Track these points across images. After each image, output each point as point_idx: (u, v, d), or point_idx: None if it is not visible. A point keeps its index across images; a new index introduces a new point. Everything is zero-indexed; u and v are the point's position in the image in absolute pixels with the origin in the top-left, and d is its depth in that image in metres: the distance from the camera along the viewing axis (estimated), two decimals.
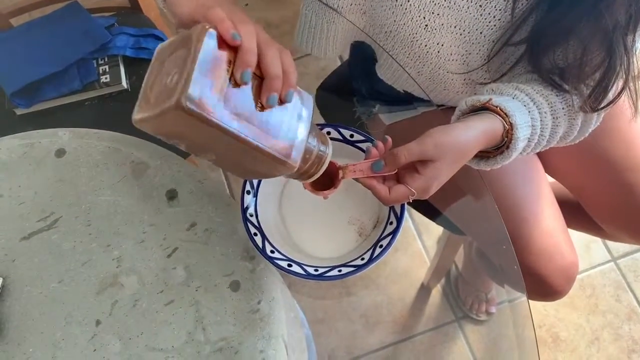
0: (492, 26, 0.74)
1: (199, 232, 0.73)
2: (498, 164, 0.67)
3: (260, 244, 0.65)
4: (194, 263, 0.71)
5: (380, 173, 0.61)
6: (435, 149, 0.60)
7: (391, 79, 0.90)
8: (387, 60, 0.87)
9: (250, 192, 0.68)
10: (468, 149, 0.62)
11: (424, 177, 0.60)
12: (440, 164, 0.60)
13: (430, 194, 0.62)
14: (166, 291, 0.70)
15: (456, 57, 0.80)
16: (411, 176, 0.61)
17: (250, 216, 0.66)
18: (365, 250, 0.65)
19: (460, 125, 0.63)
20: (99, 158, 0.77)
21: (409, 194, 0.61)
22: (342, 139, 0.69)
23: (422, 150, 0.60)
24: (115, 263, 0.71)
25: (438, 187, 0.62)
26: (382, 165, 0.61)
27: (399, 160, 0.60)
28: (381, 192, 0.61)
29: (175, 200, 0.74)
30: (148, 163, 0.76)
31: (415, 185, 0.61)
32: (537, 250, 0.89)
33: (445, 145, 0.60)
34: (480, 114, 0.66)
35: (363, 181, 0.62)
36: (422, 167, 0.61)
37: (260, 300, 0.70)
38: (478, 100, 0.67)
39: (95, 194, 0.75)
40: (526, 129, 0.66)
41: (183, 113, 0.45)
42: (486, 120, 0.64)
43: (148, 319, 0.69)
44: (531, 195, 0.92)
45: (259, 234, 0.66)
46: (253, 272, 0.71)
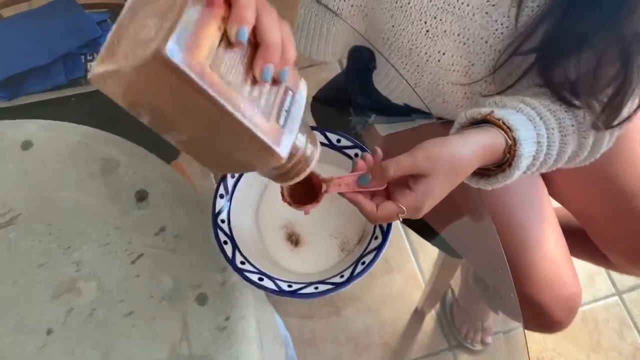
0: (498, 34, 0.68)
1: (168, 238, 0.67)
2: (499, 183, 0.61)
3: (230, 254, 0.58)
4: (160, 272, 0.65)
5: (367, 188, 0.55)
6: (428, 162, 0.54)
7: (387, 89, 0.84)
8: (385, 69, 0.82)
9: (223, 197, 0.62)
10: (465, 164, 0.56)
11: (415, 194, 0.54)
12: (433, 179, 0.54)
13: (423, 213, 0.56)
14: (127, 301, 0.64)
15: (458, 67, 0.75)
16: (401, 192, 0.55)
17: (222, 222, 0.60)
18: (346, 267, 0.59)
19: (457, 137, 0.57)
20: (66, 153, 0.71)
21: (398, 212, 0.55)
22: (327, 144, 0.64)
23: (413, 164, 0.54)
24: (75, 267, 0.65)
25: (431, 205, 0.56)
26: (369, 179, 0.55)
27: (387, 174, 0.54)
28: (367, 208, 0.55)
29: (144, 202, 0.69)
30: (119, 160, 0.71)
31: (405, 202, 0.54)
32: (538, 278, 0.82)
33: (439, 159, 0.54)
34: (480, 127, 0.60)
35: (348, 196, 0.56)
36: (413, 183, 0.55)
37: (229, 317, 0.63)
38: (479, 113, 0.61)
39: (59, 190, 0.69)
40: (531, 146, 0.60)
41: (162, 67, 0.37)
42: (486, 134, 0.58)
43: (104, 330, 0.63)
44: (533, 218, 0.86)
45: (230, 242, 0.59)
46: (223, 285, 0.65)
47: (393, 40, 0.74)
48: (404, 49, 0.74)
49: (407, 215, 0.55)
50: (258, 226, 0.65)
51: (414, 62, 0.75)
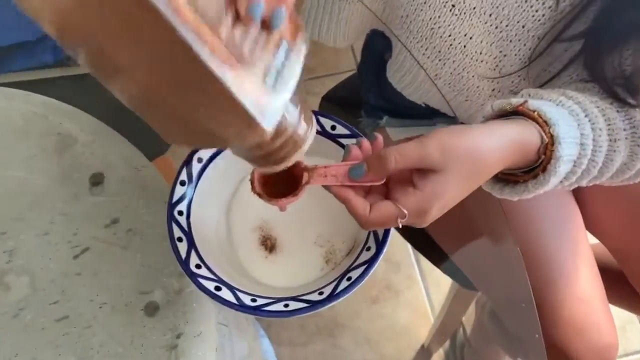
0: (539, 17, 0.56)
1: (120, 231, 0.55)
2: (529, 192, 0.48)
3: (183, 253, 0.47)
4: (105, 271, 0.54)
5: (360, 182, 0.43)
6: (441, 155, 0.41)
7: (402, 82, 0.73)
8: (400, 58, 0.70)
9: (185, 183, 0.50)
10: (488, 161, 0.43)
11: (420, 194, 0.42)
12: (446, 177, 0.42)
13: (428, 220, 0.43)
14: (62, 303, 0.53)
15: (487, 57, 0.63)
16: (403, 191, 0.43)
17: (179, 215, 0.49)
18: (328, 282, 0.47)
19: (479, 127, 0.45)
20: (20, 124, 0.61)
21: (397, 216, 0.42)
22: (319, 131, 0.52)
23: (422, 155, 0.41)
24: (7, 257, 0.54)
25: (440, 211, 0.43)
26: (363, 171, 0.43)
27: (387, 166, 0.42)
28: (358, 208, 0.43)
29: (99, 187, 0.58)
30: (77, 137, 0.60)
31: (407, 203, 0.42)
32: (567, 321, 0.69)
33: (456, 152, 0.42)
34: (510, 119, 0.48)
35: (336, 191, 0.44)
36: (420, 179, 0.42)
37: (181, 334, 0.51)
38: (509, 103, 0.49)
39: (3, 166, 0.59)
40: (572, 147, 0.48)
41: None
42: (518, 127, 0.46)
43: (29, 336, 0.51)
44: (564, 249, 0.72)
45: (185, 239, 0.48)
46: (179, 293, 0.53)
47: (413, 18, 0.62)
48: (424, 28, 0.62)
49: (408, 221, 0.42)
50: (228, 225, 0.54)
51: (435, 46, 0.63)
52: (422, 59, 0.67)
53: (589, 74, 0.55)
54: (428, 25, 0.62)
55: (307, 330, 1.23)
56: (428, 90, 0.72)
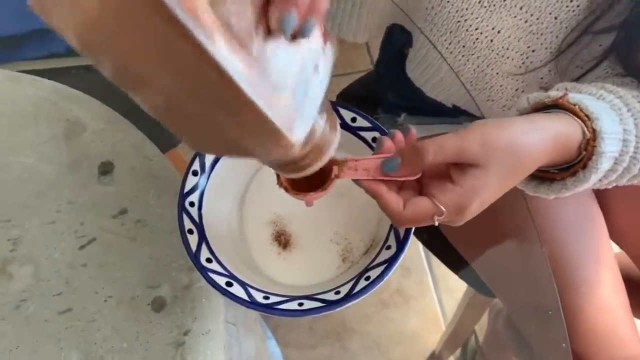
0: (573, 7, 0.54)
1: (129, 222, 0.53)
2: (568, 190, 0.46)
3: (193, 246, 0.44)
4: (112, 263, 0.52)
5: (393, 176, 0.41)
6: (482, 148, 0.39)
7: (422, 78, 0.70)
8: (421, 52, 0.68)
9: (198, 173, 0.48)
10: (531, 156, 0.41)
11: (460, 190, 0.39)
12: (486, 172, 0.39)
13: (467, 218, 0.41)
14: (65, 295, 0.50)
15: (513, 53, 0.61)
16: (441, 186, 0.40)
17: (191, 206, 0.47)
18: (345, 282, 0.44)
19: (521, 120, 0.42)
20: (29, 109, 0.59)
21: (434, 213, 0.40)
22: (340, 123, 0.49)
23: (462, 148, 0.39)
24: (11, 245, 0.52)
25: (479, 209, 0.41)
26: (397, 165, 0.41)
27: (423, 159, 0.39)
28: (392, 204, 0.40)
29: (108, 176, 0.56)
30: (87, 125, 0.58)
31: (445, 199, 0.40)
32: (588, 330, 0.66)
33: (497, 145, 0.39)
34: (549, 113, 0.45)
35: (367, 186, 0.41)
36: (458, 175, 0.40)
37: (189, 331, 0.49)
38: (547, 96, 0.46)
39: (11, 152, 0.57)
40: (615, 144, 0.45)
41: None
42: (559, 121, 0.43)
43: (30, 328, 0.49)
44: (587, 255, 0.69)
45: (197, 232, 0.45)
46: (188, 289, 0.51)
47: (438, 10, 0.60)
48: (450, 21, 0.60)
49: (445, 219, 0.40)
50: (241, 218, 0.51)
51: (460, 40, 0.61)
52: (444, 54, 0.64)
53: (623, 68, 0.52)
54: (454, 17, 0.59)
55: (315, 333, 1.20)
56: (449, 87, 0.69)
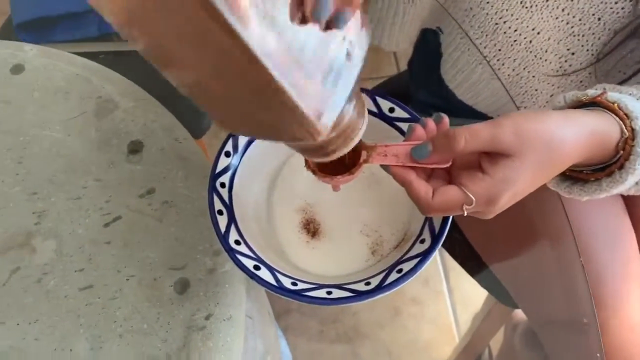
0: (617, 10, 0.53)
1: (155, 202, 0.53)
2: (602, 191, 0.44)
3: (222, 227, 0.43)
4: (136, 242, 0.51)
5: (423, 163, 0.40)
6: (516, 138, 0.38)
7: (454, 81, 0.69)
8: (453, 55, 0.67)
9: (230, 155, 0.47)
10: (565, 151, 0.39)
11: (491, 180, 0.38)
12: (520, 162, 0.38)
13: (497, 210, 0.40)
14: (87, 271, 0.50)
15: (552, 56, 0.59)
16: (471, 175, 0.39)
17: (221, 187, 0.46)
18: (376, 273, 0.43)
19: (557, 113, 0.41)
20: (61, 84, 0.59)
21: (463, 202, 0.38)
22: (376, 112, 0.48)
23: (495, 137, 0.38)
24: (35, 218, 0.52)
25: (510, 201, 0.39)
26: (428, 152, 0.39)
27: (455, 146, 0.38)
28: (420, 191, 0.39)
29: (137, 155, 0.55)
30: (118, 103, 0.58)
31: (476, 189, 0.38)
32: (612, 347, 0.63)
33: (532, 136, 0.38)
34: (588, 109, 0.44)
35: (396, 172, 0.40)
36: (490, 164, 0.39)
37: (210, 315, 0.48)
38: (585, 94, 0.45)
39: (41, 126, 0.56)
40: None
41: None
42: (597, 118, 0.42)
43: (50, 303, 0.48)
44: (616, 269, 0.67)
45: (226, 213, 0.44)
46: (212, 273, 0.49)
47: (477, 12, 0.59)
48: (488, 24, 0.59)
49: (475, 209, 0.38)
50: (270, 203, 0.50)
51: (497, 43, 0.59)
52: (480, 56, 0.63)
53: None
54: (493, 19, 0.58)
55: (326, 336, 1.19)
56: (480, 92, 0.68)
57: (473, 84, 0.68)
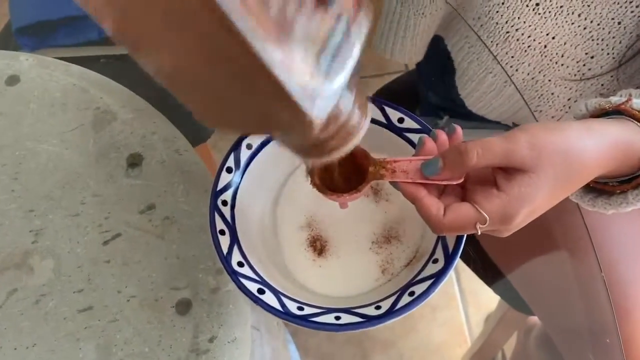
0: (638, 13, 0.50)
1: (156, 219, 0.51)
2: (629, 204, 0.41)
3: (225, 248, 0.41)
4: (136, 261, 0.49)
5: (434, 179, 0.37)
6: (532, 152, 0.35)
7: (464, 91, 0.67)
8: (462, 65, 0.65)
9: (232, 171, 0.45)
10: (586, 164, 0.37)
11: (506, 197, 0.36)
12: (536, 178, 0.35)
13: (513, 228, 0.37)
14: (87, 292, 0.48)
15: (569, 60, 0.57)
16: (485, 192, 0.36)
17: (223, 205, 0.44)
18: (387, 296, 0.41)
19: (576, 124, 0.38)
20: (57, 96, 0.57)
21: (476, 220, 0.36)
22: (385, 123, 0.46)
23: (510, 151, 0.35)
24: (32, 237, 0.50)
25: (527, 219, 0.37)
26: (439, 168, 0.37)
27: (467, 162, 0.36)
28: (431, 208, 0.37)
29: (136, 169, 0.53)
30: (116, 114, 0.56)
31: (490, 207, 0.36)
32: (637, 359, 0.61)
33: (549, 150, 0.36)
34: (610, 118, 0.41)
35: (405, 189, 0.38)
36: (505, 180, 0.36)
37: (214, 338, 0.46)
38: (608, 101, 0.42)
39: (38, 140, 0.54)
40: None
41: None
42: (620, 127, 0.39)
43: (50, 326, 0.47)
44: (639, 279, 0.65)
45: (228, 233, 0.42)
46: (215, 292, 0.48)
47: (485, 21, 0.56)
48: (498, 32, 0.56)
49: (489, 228, 0.36)
50: (274, 220, 0.48)
51: (509, 50, 0.57)
52: (490, 65, 0.60)
53: None
54: (503, 28, 0.55)
55: (336, 340, 1.17)
56: (490, 103, 0.66)
57: (482, 94, 0.65)
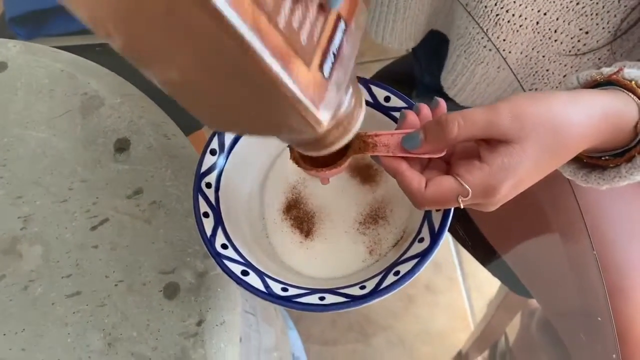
0: None
1: (144, 203, 0.50)
2: (622, 178, 0.40)
3: (208, 231, 0.41)
4: (124, 245, 0.49)
5: (415, 153, 0.37)
6: (516, 122, 0.34)
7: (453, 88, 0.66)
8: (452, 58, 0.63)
9: (216, 153, 0.45)
10: (573, 134, 0.36)
11: (488, 168, 0.35)
12: (520, 149, 0.34)
13: (498, 201, 0.36)
14: (75, 277, 0.48)
15: (562, 36, 0.55)
16: (468, 165, 0.35)
17: (207, 187, 0.43)
18: (372, 275, 0.40)
19: (562, 94, 0.37)
20: (45, 82, 0.56)
21: (458, 193, 0.35)
22: (371, 102, 0.45)
23: (492, 122, 0.34)
24: (21, 223, 0.50)
25: (513, 191, 0.36)
26: (420, 140, 0.36)
27: (448, 134, 0.35)
28: (412, 181, 0.36)
29: (124, 154, 0.53)
30: (104, 99, 0.55)
31: (471, 178, 0.35)
32: (637, 340, 0.60)
33: (533, 120, 0.34)
34: (601, 89, 0.40)
35: (386, 163, 0.37)
36: (487, 152, 0.35)
37: (202, 321, 0.46)
38: (599, 73, 0.41)
39: (25, 126, 0.54)
40: None
41: None
42: (610, 96, 0.38)
43: (38, 311, 0.47)
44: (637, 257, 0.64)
45: (212, 215, 0.42)
46: (203, 276, 0.47)
47: (474, 5, 0.55)
48: (488, 16, 0.55)
49: (472, 201, 0.35)
50: (260, 202, 0.48)
51: (500, 34, 0.56)
52: (482, 52, 0.59)
53: None
54: (493, 11, 0.54)
55: (338, 326, 1.17)
56: (483, 93, 0.64)
57: (475, 85, 0.64)
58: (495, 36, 0.57)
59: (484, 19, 0.56)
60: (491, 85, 0.63)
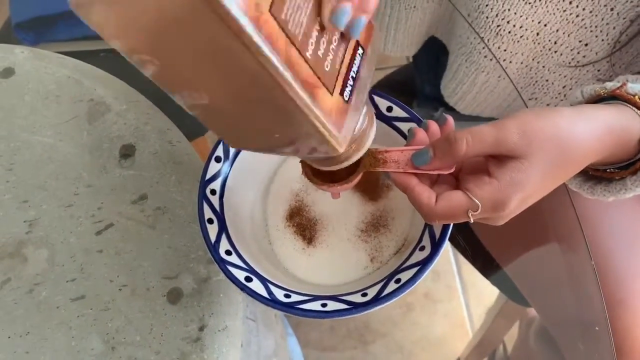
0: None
1: (148, 209, 0.51)
2: (628, 191, 0.41)
3: (212, 237, 0.42)
4: (129, 250, 0.49)
5: (425, 169, 0.37)
6: (523, 138, 0.35)
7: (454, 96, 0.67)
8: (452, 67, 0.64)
9: (221, 160, 0.45)
10: (580, 150, 0.37)
11: (497, 183, 0.35)
12: (528, 165, 0.35)
13: (506, 215, 0.37)
14: (79, 282, 0.48)
15: (562, 48, 0.56)
16: (477, 180, 0.36)
17: (212, 194, 0.44)
18: (373, 283, 0.41)
19: (568, 109, 0.38)
20: (52, 88, 0.57)
21: (468, 207, 0.36)
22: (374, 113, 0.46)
23: (500, 138, 0.35)
24: (27, 227, 0.51)
25: (521, 206, 0.37)
26: (429, 157, 0.37)
27: (457, 151, 0.36)
28: (422, 197, 0.37)
29: (129, 160, 0.53)
30: (110, 105, 0.56)
31: (481, 193, 0.35)
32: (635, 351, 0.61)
33: (540, 136, 0.35)
34: (605, 104, 0.41)
35: (396, 178, 0.38)
36: (496, 167, 0.36)
37: (205, 326, 0.46)
38: (603, 87, 0.42)
39: (31, 131, 0.55)
40: None
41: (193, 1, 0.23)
42: (615, 112, 0.39)
43: (43, 314, 0.47)
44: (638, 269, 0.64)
45: (217, 221, 0.43)
46: (206, 282, 0.48)
47: (476, 16, 0.56)
48: (489, 26, 0.56)
49: (482, 215, 0.36)
50: (264, 209, 0.48)
51: (501, 44, 0.57)
52: (484, 61, 0.60)
53: None
54: (494, 22, 0.55)
55: (337, 333, 1.17)
56: (484, 101, 0.65)
57: (476, 94, 0.65)
58: (496, 46, 0.58)
59: (485, 30, 0.57)
60: (491, 94, 0.64)
